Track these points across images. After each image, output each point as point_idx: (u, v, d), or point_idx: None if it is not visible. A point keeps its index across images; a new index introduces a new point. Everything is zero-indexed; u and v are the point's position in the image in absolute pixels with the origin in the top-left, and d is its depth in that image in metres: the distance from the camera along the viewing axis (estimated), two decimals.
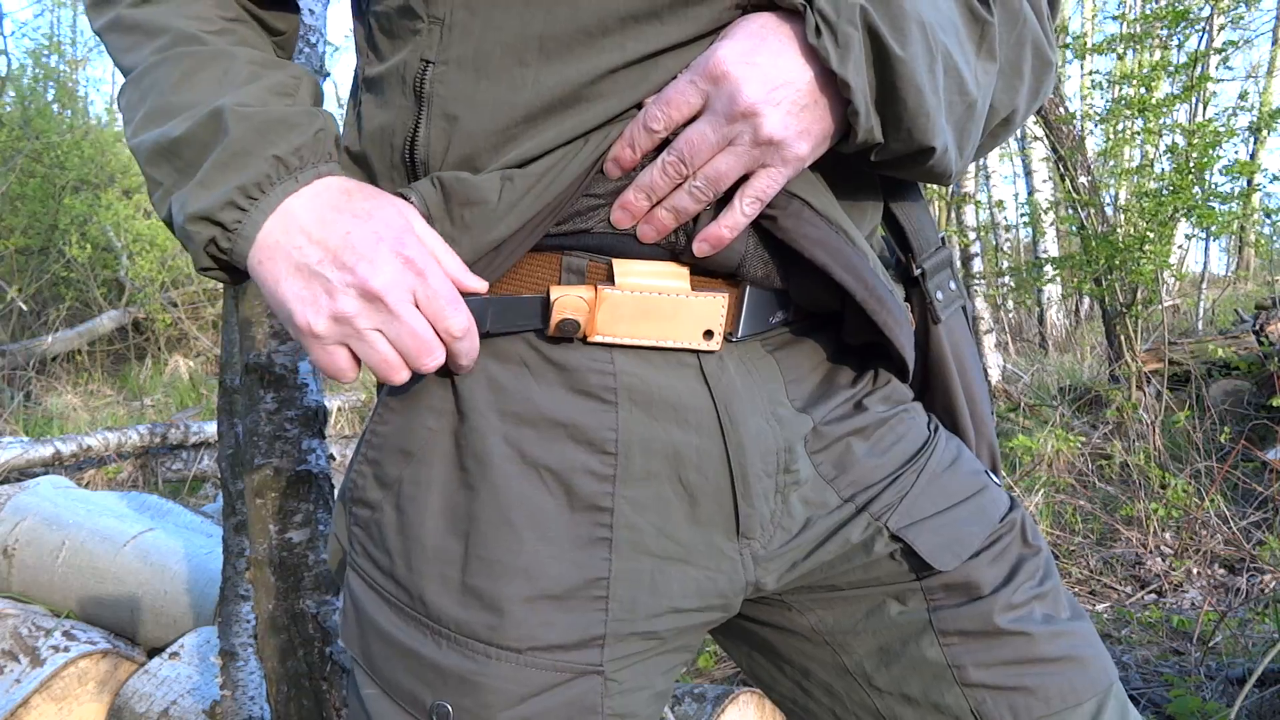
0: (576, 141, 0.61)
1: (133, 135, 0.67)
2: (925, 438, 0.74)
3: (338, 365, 0.62)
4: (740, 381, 0.67)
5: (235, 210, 0.61)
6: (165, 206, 0.65)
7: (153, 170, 0.65)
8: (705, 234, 0.62)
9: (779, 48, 0.58)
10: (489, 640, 0.63)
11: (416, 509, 0.65)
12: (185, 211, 0.62)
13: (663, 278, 0.65)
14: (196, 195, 0.62)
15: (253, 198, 0.61)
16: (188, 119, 0.63)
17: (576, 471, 0.64)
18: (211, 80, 0.65)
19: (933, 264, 0.74)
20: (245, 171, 0.61)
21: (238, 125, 0.62)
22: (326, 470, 1.73)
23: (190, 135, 0.63)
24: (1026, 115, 0.73)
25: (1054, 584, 0.72)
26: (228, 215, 0.61)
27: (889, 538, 0.69)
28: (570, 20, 0.60)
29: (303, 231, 0.60)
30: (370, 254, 0.59)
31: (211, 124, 0.62)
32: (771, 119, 0.57)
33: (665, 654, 0.70)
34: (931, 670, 0.70)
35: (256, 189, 0.61)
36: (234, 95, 0.63)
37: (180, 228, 0.63)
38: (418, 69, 0.63)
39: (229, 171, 0.61)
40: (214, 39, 0.68)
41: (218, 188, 0.61)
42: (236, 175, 0.61)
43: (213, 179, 0.61)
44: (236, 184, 0.61)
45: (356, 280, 0.59)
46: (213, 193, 0.61)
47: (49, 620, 2.45)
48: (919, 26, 0.59)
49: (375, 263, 0.59)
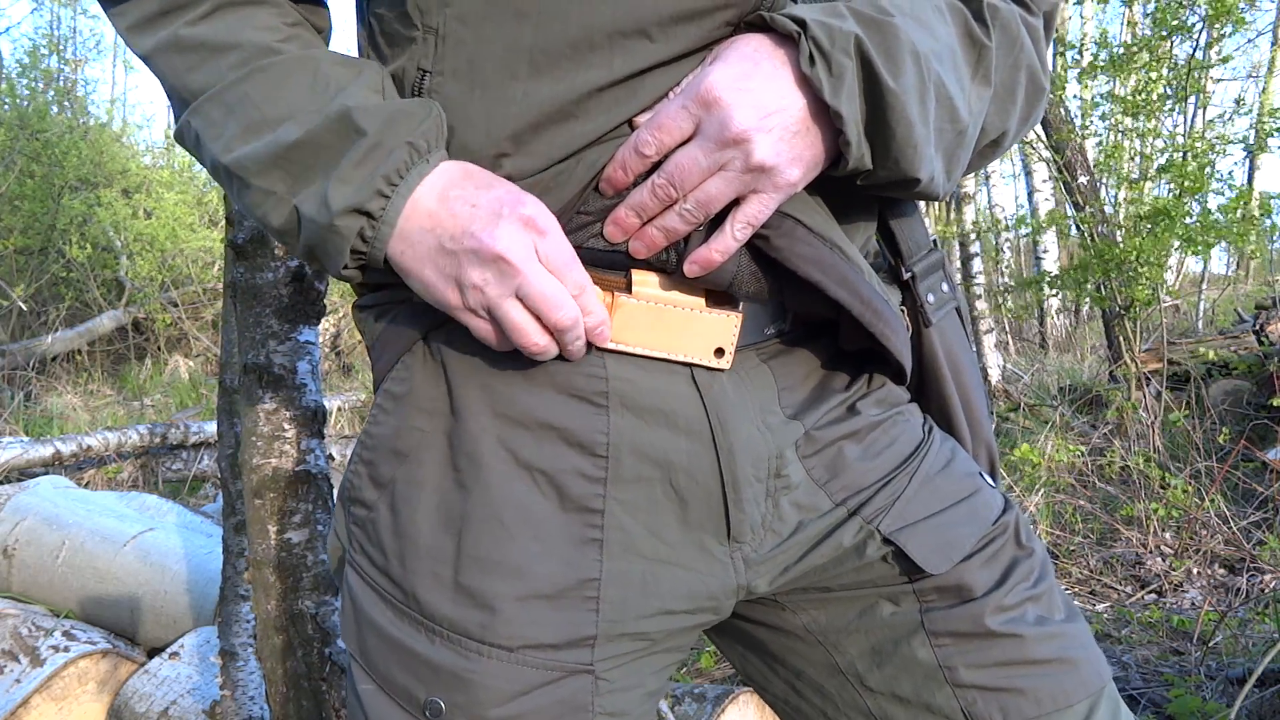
0: (569, 160, 0.62)
1: (225, 151, 0.65)
2: (919, 440, 0.74)
3: (485, 334, 0.63)
4: (732, 390, 0.67)
5: (380, 199, 0.61)
6: (285, 211, 0.64)
7: (263, 181, 0.64)
8: (695, 256, 0.63)
9: (771, 73, 0.58)
10: (481, 638, 0.63)
11: (410, 508, 0.66)
12: (332, 208, 0.61)
13: (680, 291, 0.65)
14: (339, 191, 0.61)
15: (394, 184, 0.61)
16: (301, 124, 0.63)
17: (568, 473, 0.65)
18: (304, 86, 0.64)
19: (923, 267, 0.75)
20: (386, 161, 0.61)
21: (369, 121, 0.62)
22: (325, 470, 1.73)
23: (311, 138, 0.62)
24: (1016, 138, 0.74)
25: (1048, 585, 0.72)
26: (375, 204, 0.61)
27: (881, 541, 0.69)
28: (559, 35, 0.60)
29: (433, 215, 0.61)
30: (492, 221, 0.60)
31: (340, 125, 0.62)
32: (763, 146, 0.58)
33: (656, 654, 0.70)
34: (923, 671, 0.70)
35: (396, 174, 0.61)
36: (346, 96, 0.63)
37: (323, 226, 0.62)
38: (415, 77, 0.64)
39: (368, 164, 0.61)
40: (288, 46, 0.67)
41: (359, 180, 0.61)
42: (377, 165, 0.61)
43: (352, 174, 0.61)
44: (381, 173, 0.61)
45: (481, 246, 0.59)
46: (356, 185, 0.61)
47: (49, 620, 2.45)
48: (913, 57, 0.59)
49: (497, 227, 0.59)
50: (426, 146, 0.62)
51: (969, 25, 0.66)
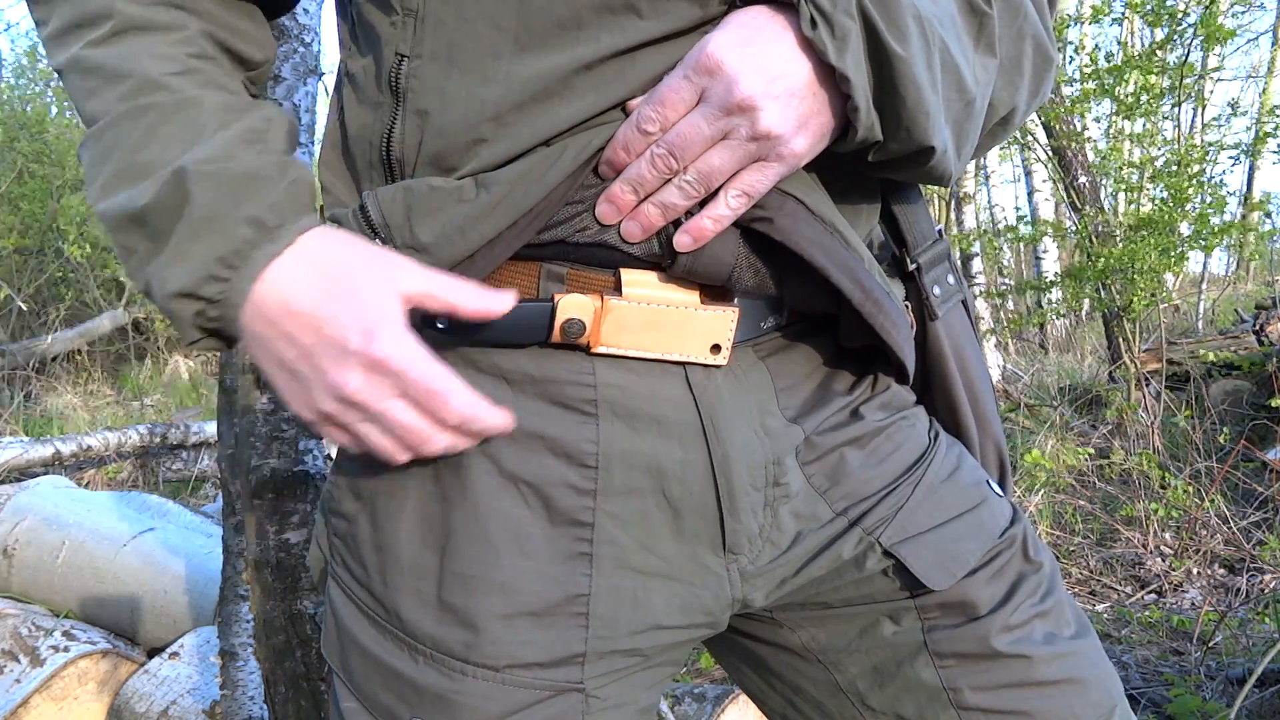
0: (555, 146, 0.58)
1: (98, 198, 0.60)
2: (924, 446, 0.71)
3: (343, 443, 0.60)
4: (728, 391, 0.64)
5: (216, 283, 0.56)
6: (142, 279, 0.59)
7: (123, 238, 0.59)
8: (687, 226, 0.59)
9: (773, 38, 0.55)
10: (465, 658, 0.61)
11: (391, 523, 0.63)
12: (165, 290, 0.57)
13: (673, 289, 0.62)
14: (173, 270, 0.57)
15: (233, 266, 0.56)
16: (155, 182, 0.57)
17: (555, 485, 0.62)
18: (177, 134, 0.59)
19: (929, 258, 0.71)
20: (220, 239, 0.56)
21: (203, 187, 0.56)
22: (324, 471, 1.73)
23: (158, 201, 0.57)
24: (1027, 114, 0.70)
25: (1057, 600, 0.69)
26: (209, 289, 0.56)
27: (881, 554, 0.67)
28: (544, 11, 0.57)
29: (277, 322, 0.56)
30: (339, 360, 0.55)
31: (176, 187, 0.56)
32: (770, 112, 0.54)
33: (649, 669, 0.67)
34: (926, 692, 0.67)
35: (236, 257, 0.56)
36: (198, 150, 0.58)
37: (161, 305, 0.58)
38: (393, 63, 0.60)
39: (200, 241, 0.56)
40: (179, 82, 0.61)
41: (193, 259, 0.56)
42: (211, 244, 0.56)
43: (186, 250, 0.56)
44: (215, 255, 0.56)
45: (331, 385, 0.56)
46: (189, 265, 0.56)
47: (49, 620, 2.45)
48: (916, 20, 0.56)
49: (344, 371, 0.55)
50: (277, 221, 0.57)
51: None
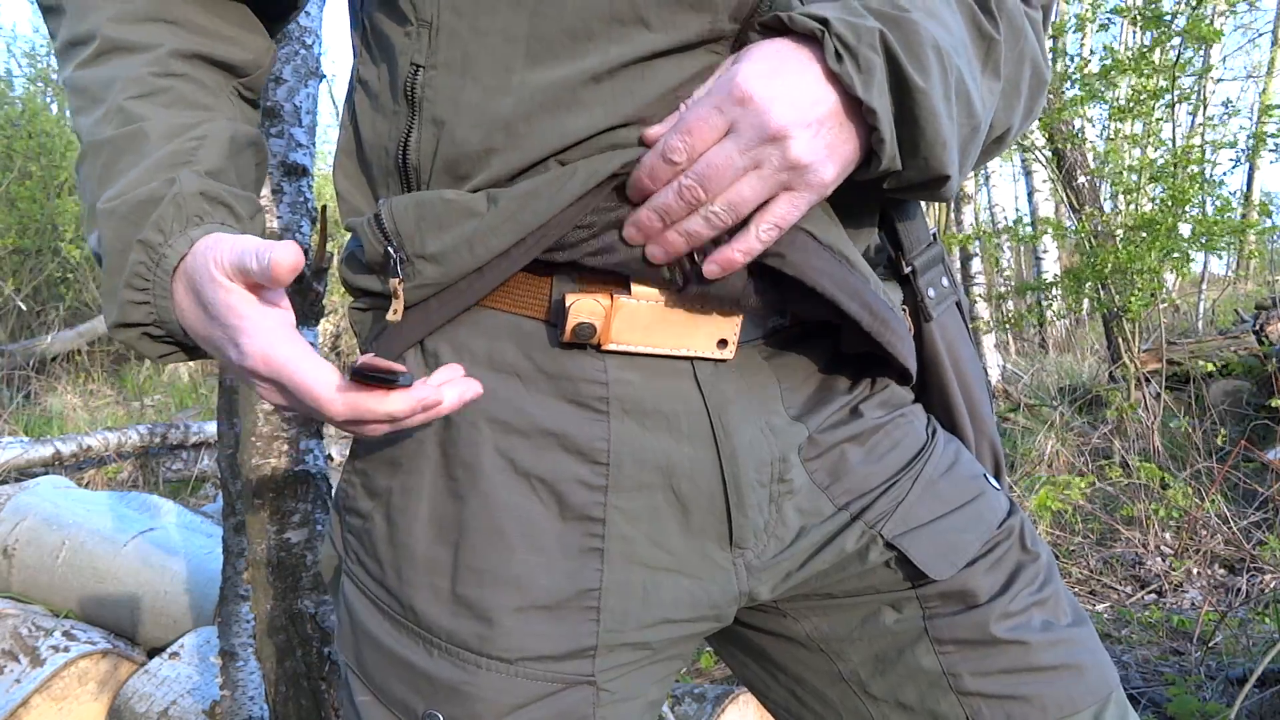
0: (567, 167, 0.59)
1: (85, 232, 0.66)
2: (922, 442, 0.72)
3: None
4: (735, 389, 0.66)
5: (136, 308, 0.62)
6: None
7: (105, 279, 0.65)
8: (716, 256, 0.59)
9: (800, 69, 0.56)
10: (479, 650, 0.62)
11: (406, 519, 0.65)
12: (108, 324, 0.63)
13: None
14: (107, 305, 0.63)
15: (143, 289, 0.61)
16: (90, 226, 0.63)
17: (567, 481, 0.63)
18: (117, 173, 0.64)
19: (923, 261, 0.73)
20: (124, 268, 0.61)
21: (106, 224, 0.62)
22: (324, 470, 1.73)
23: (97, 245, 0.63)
24: (1019, 132, 0.72)
25: (1054, 589, 0.71)
26: (135, 314, 0.62)
27: (884, 546, 0.68)
28: (556, 23, 0.58)
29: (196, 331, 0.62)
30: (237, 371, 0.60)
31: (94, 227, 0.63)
32: (801, 142, 0.55)
33: (657, 663, 0.69)
34: (927, 678, 0.69)
35: (140, 279, 0.61)
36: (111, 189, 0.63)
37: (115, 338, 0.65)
38: (409, 73, 0.62)
39: (111, 274, 0.62)
40: (141, 107, 0.65)
41: (112, 292, 0.62)
42: (119, 275, 0.61)
43: (108, 284, 0.62)
44: (123, 283, 0.61)
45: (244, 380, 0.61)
46: (114, 300, 0.62)
47: (49, 620, 2.45)
48: (935, 51, 0.57)
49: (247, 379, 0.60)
50: (161, 238, 0.61)
51: (977, 17, 0.64)
